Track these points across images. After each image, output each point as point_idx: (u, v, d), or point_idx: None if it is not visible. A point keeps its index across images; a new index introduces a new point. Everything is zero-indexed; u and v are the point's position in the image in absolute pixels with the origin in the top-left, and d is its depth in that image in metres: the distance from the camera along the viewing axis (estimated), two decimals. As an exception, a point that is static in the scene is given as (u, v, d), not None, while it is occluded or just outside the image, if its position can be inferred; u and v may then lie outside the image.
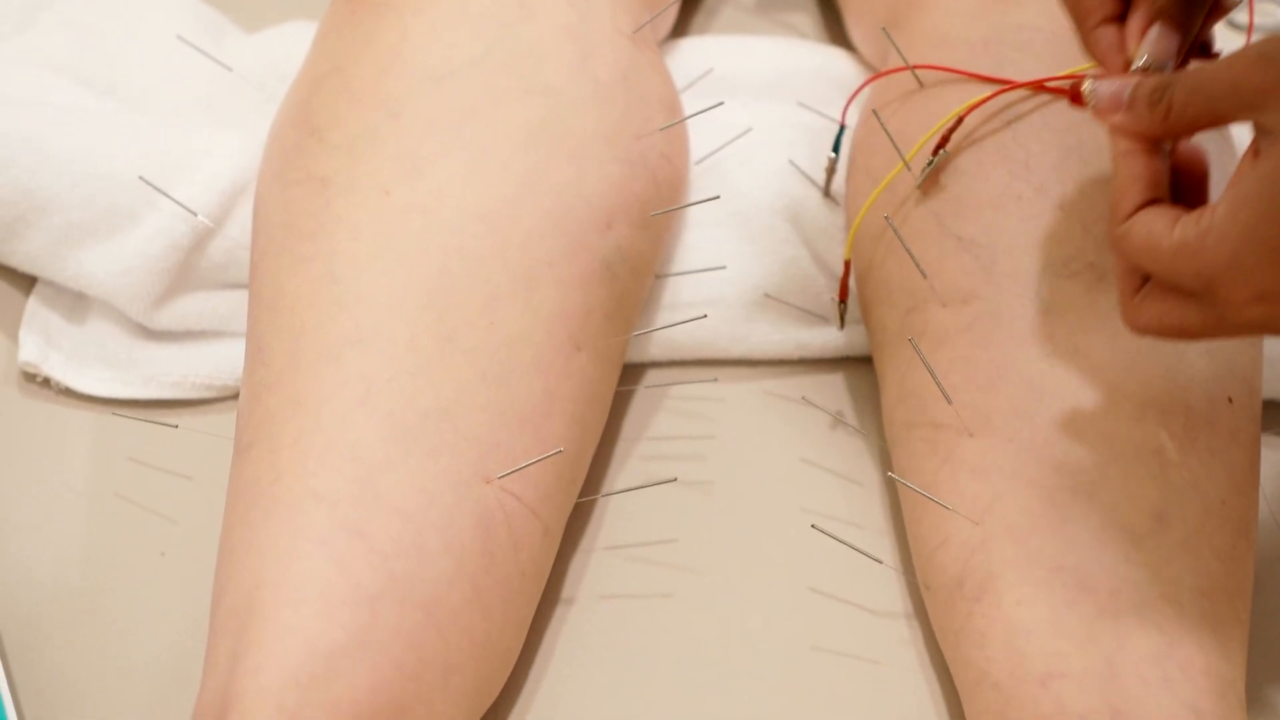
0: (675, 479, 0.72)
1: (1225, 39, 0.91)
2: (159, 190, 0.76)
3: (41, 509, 0.74)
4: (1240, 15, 0.95)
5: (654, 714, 0.68)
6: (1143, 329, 0.61)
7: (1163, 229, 0.58)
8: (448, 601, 0.62)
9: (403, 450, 0.64)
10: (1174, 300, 0.59)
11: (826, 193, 0.83)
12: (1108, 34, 0.64)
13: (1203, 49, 0.66)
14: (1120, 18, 0.64)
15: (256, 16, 0.94)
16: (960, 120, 0.73)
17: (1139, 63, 0.62)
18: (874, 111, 0.76)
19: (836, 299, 0.78)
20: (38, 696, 0.68)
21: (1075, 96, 0.62)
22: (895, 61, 0.79)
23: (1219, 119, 0.58)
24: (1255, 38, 0.90)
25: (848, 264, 0.77)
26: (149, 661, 0.69)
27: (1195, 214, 0.57)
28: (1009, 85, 0.73)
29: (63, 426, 0.77)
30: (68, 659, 0.69)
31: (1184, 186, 0.62)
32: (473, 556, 0.64)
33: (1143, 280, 0.61)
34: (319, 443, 0.63)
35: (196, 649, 0.65)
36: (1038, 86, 0.73)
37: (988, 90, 0.73)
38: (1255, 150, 0.56)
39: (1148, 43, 0.62)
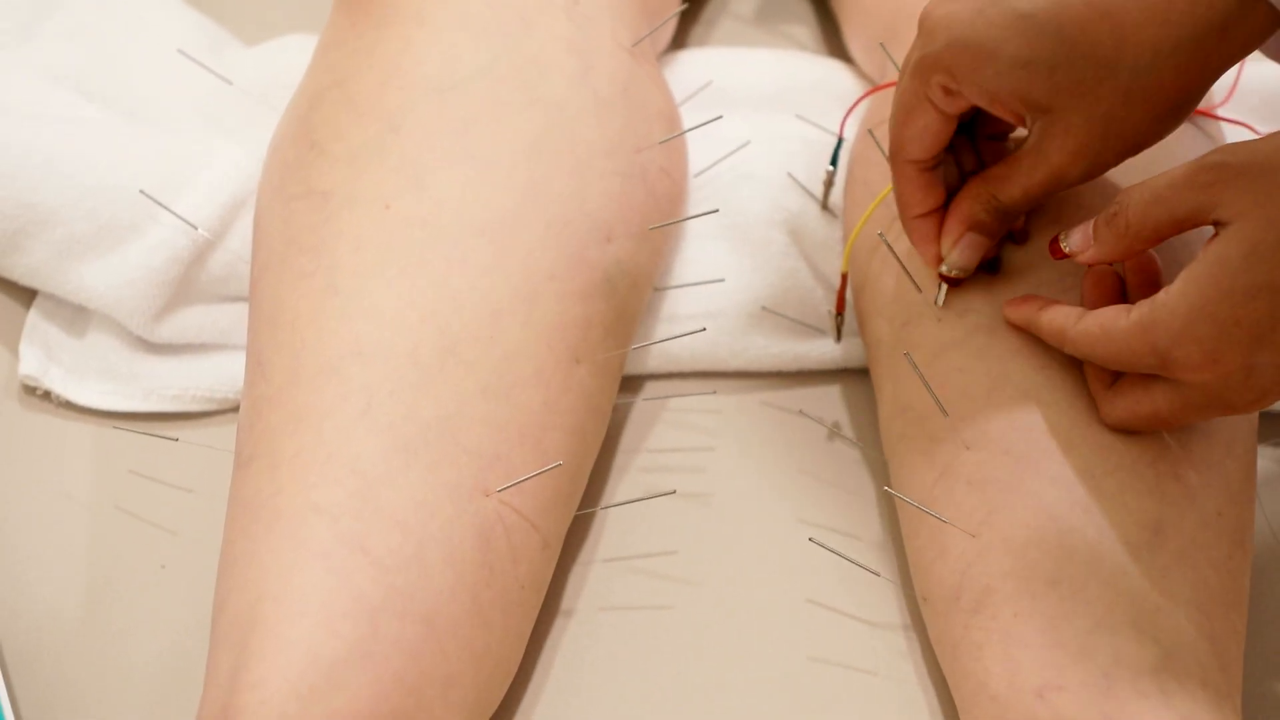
0: (674, 491, 0.73)
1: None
2: (160, 204, 0.76)
3: (42, 521, 0.74)
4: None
5: (653, 725, 0.68)
6: (1118, 421, 0.65)
7: (1116, 314, 0.62)
8: (448, 614, 0.63)
9: (403, 463, 0.64)
10: (1141, 389, 0.63)
11: (824, 205, 0.83)
12: (925, 226, 0.70)
13: (1013, 235, 0.71)
14: (943, 207, 0.69)
15: (256, 29, 0.94)
16: (957, 134, 0.73)
17: (942, 269, 0.69)
18: (869, 131, 0.77)
19: (833, 312, 0.78)
20: (39, 708, 0.68)
21: (1056, 250, 0.66)
22: (894, 75, 0.79)
23: (1179, 226, 0.61)
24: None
25: (844, 277, 0.77)
26: (149, 673, 0.69)
27: (1150, 297, 0.61)
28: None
29: (63, 439, 0.77)
30: (68, 672, 0.69)
31: (1141, 285, 0.66)
32: (472, 569, 0.64)
33: (1113, 377, 0.65)
34: (320, 456, 0.64)
35: (197, 661, 0.65)
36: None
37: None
38: (1213, 237, 0.60)
39: (956, 252, 0.69)
